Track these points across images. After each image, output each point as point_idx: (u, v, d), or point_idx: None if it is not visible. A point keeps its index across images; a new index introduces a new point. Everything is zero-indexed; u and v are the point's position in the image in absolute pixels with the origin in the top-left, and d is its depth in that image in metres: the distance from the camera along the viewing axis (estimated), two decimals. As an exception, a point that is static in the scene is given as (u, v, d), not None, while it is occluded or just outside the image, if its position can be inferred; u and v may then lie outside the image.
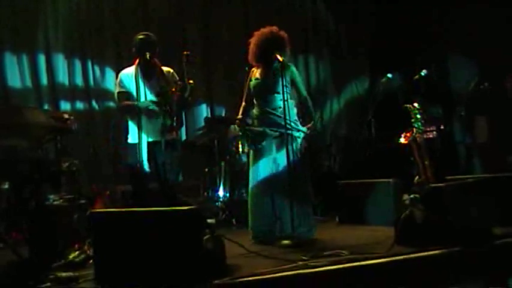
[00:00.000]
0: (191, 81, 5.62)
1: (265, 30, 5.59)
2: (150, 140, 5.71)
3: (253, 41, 5.62)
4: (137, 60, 5.86)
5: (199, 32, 9.83)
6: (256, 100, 5.63)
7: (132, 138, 5.82)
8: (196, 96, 8.14)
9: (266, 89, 5.56)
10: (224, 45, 9.86)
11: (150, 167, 5.67)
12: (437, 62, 8.95)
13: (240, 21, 10.09)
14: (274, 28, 5.60)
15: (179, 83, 5.62)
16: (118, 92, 5.88)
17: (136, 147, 5.69)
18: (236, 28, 9.94)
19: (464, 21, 8.98)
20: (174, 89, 5.63)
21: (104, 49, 8.86)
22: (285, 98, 5.30)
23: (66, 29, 8.55)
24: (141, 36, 5.78)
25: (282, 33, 5.60)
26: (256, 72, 5.63)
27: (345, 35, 11.20)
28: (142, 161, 5.63)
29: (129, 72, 5.86)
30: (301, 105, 5.77)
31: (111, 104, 8.61)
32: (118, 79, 5.92)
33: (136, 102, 5.72)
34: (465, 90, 8.15)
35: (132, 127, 5.84)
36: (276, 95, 5.49)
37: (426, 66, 6.37)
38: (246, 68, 5.79)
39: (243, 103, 5.74)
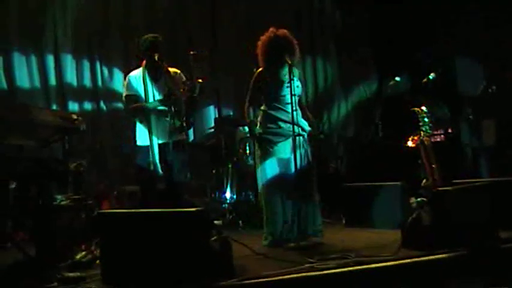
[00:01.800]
0: (200, 80, 5.62)
1: (272, 32, 5.58)
2: (160, 141, 5.71)
3: (261, 43, 5.61)
4: (144, 62, 5.86)
5: (205, 33, 9.83)
6: (265, 102, 5.62)
7: (141, 140, 5.81)
8: (205, 97, 8.12)
9: (278, 90, 5.55)
10: (231, 45, 9.87)
11: (162, 169, 5.67)
12: (445, 65, 8.94)
13: (246, 22, 10.09)
14: (282, 30, 5.59)
15: (187, 83, 5.63)
16: (126, 95, 5.87)
17: (145, 149, 5.69)
18: (242, 28, 9.94)
19: (472, 24, 8.98)
20: (182, 90, 5.63)
21: (112, 50, 8.88)
22: (294, 101, 5.32)
23: (75, 30, 8.58)
24: (150, 38, 5.76)
25: (284, 33, 5.58)
26: (264, 74, 5.61)
27: (352, 38, 11.19)
28: (156, 163, 5.62)
29: (136, 74, 5.85)
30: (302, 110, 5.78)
31: (119, 104, 8.62)
32: (126, 81, 5.90)
33: (144, 104, 5.72)
34: (473, 93, 8.13)
35: (141, 129, 5.83)
36: (286, 96, 5.49)
37: (434, 69, 6.35)
38: (254, 69, 5.78)
39: (248, 104, 5.72)
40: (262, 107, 5.64)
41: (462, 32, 9.13)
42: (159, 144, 5.69)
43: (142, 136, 5.80)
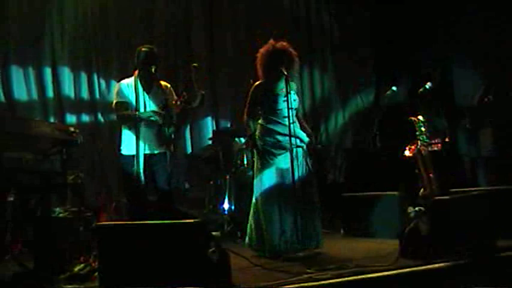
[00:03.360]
0: (203, 92, 5.65)
1: (271, 45, 5.61)
2: (146, 152, 5.70)
3: (260, 56, 5.64)
4: (137, 72, 5.88)
5: (204, 45, 9.85)
6: (263, 115, 5.64)
7: (126, 149, 5.81)
8: (203, 108, 8.13)
9: (274, 104, 5.57)
10: (229, 57, 9.91)
11: (145, 179, 5.66)
12: (442, 74, 8.97)
13: (244, 34, 10.12)
14: (281, 43, 5.62)
15: (184, 94, 5.64)
16: (117, 102, 5.87)
17: (130, 158, 5.69)
18: (241, 40, 9.98)
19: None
20: (175, 102, 5.64)
21: (110, 62, 8.88)
22: (292, 114, 5.35)
23: (72, 42, 8.59)
24: (146, 49, 5.79)
25: (281, 45, 5.61)
26: (264, 87, 5.64)
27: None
28: (139, 173, 5.62)
29: (128, 83, 5.86)
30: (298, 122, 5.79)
31: (117, 116, 8.64)
32: (117, 89, 5.92)
33: (137, 112, 5.73)
34: (470, 102, 8.15)
35: (126, 138, 5.83)
36: (284, 109, 5.50)
37: (431, 78, 6.37)
38: (251, 81, 5.80)
39: (247, 117, 5.74)
40: (260, 121, 5.66)
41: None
42: (144, 155, 5.69)
43: (128, 145, 5.79)
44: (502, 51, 8.38)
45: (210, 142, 8.76)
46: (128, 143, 5.77)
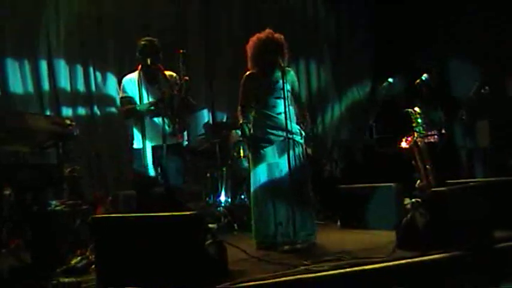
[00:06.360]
0: (186, 78, 5.58)
1: (262, 34, 5.57)
2: (154, 144, 5.68)
3: (250, 46, 5.60)
4: (140, 66, 5.84)
5: (200, 38, 9.84)
6: (257, 105, 5.62)
7: (137, 143, 5.80)
8: (194, 97, 8.09)
9: (268, 94, 5.55)
10: (225, 50, 9.89)
11: (155, 171, 5.65)
12: (438, 67, 8.96)
13: (241, 26, 10.12)
14: (271, 32, 5.58)
15: (178, 82, 5.60)
16: (121, 97, 5.86)
17: (139, 152, 5.69)
18: (237, 33, 9.96)
19: (467, 26, 9.00)
20: (175, 92, 5.59)
21: (106, 55, 8.87)
22: (287, 104, 5.31)
23: (68, 35, 8.57)
24: (143, 42, 5.74)
25: (279, 36, 5.57)
26: (256, 77, 5.61)
27: (346, 40, 11.22)
28: (147, 165, 5.60)
29: (132, 77, 5.83)
30: (299, 111, 5.77)
31: (113, 109, 8.65)
32: (121, 84, 5.88)
33: (136, 105, 5.71)
34: (466, 94, 8.15)
35: (137, 132, 5.83)
36: (277, 100, 5.48)
37: (427, 70, 6.36)
38: (247, 73, 5.78)
39: (240, 107, 5.71)
40: (252, 113, 5.63)
41: (462, 32, 9.16)
42: (153, 147, 5.68)
43: (138, 139, 5.78)
44: (502, 51, 8.39)
45: (203, 136, 8.74)
46: (138, 137, 5.75)
